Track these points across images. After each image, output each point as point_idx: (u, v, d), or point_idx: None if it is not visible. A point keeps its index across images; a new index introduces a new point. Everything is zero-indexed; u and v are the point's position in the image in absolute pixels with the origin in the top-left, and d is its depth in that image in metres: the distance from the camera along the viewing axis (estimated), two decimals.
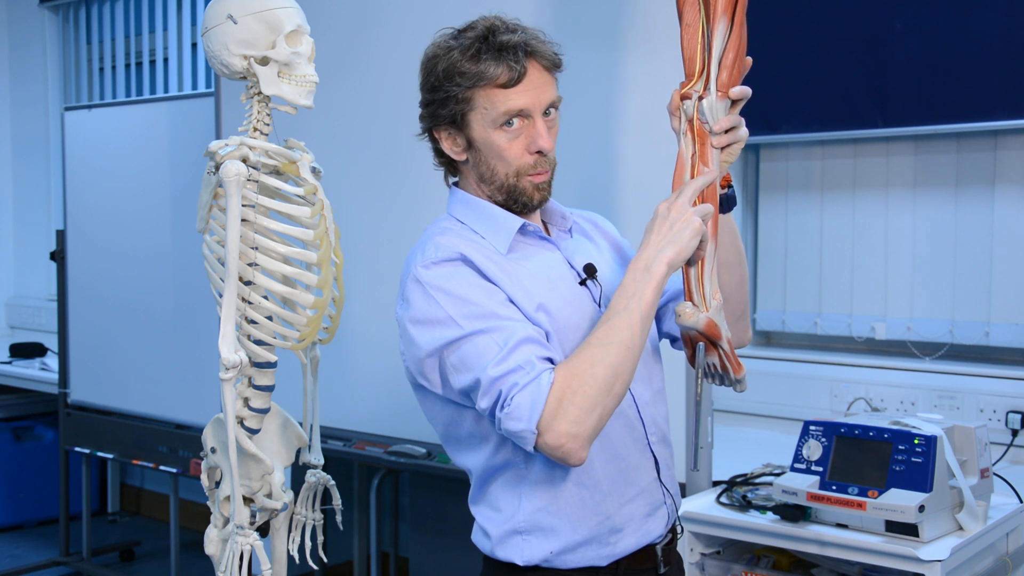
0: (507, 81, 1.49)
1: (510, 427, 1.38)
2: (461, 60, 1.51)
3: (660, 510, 1.61)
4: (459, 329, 1.44)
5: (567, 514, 1.53)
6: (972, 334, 2.91)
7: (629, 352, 1.40)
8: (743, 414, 3.12)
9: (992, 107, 2.73)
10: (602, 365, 1.39)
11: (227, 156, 1.79)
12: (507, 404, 1.38)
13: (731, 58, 1.51)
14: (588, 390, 1.37)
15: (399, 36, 2.88)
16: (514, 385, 1.38)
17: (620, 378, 1.40)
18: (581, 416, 1.37)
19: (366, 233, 2.91)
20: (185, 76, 4.91)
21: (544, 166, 1.56)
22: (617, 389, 1.40)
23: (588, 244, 1.68)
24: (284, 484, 2.01)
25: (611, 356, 1.39)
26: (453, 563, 3.25)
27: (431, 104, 1.56)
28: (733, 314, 1.61)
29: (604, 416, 1.39)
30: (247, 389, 1.91)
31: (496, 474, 1.56)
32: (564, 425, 1.36)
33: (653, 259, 1.43)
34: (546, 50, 1.54)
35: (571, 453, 1.37)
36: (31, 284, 5.69)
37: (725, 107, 1.52)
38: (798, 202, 3.19)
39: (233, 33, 1.80)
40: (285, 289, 1.85)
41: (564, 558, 1.54)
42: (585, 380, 1.38)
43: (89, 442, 4.20)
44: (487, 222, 1.58)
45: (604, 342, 1.40)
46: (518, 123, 1.52)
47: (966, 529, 2.01)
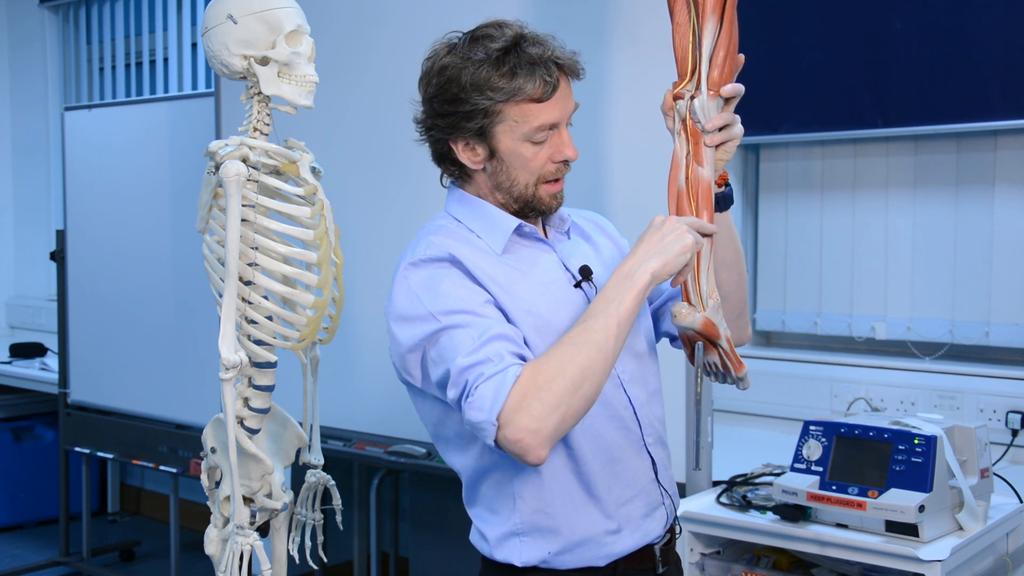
0: (541, 96, 1.50)
1: (471, 417, 1.37)
2: (494, 75, 1.49)
3: (658, 511, 1.61)
4: (437, 323, 1.44)
5: (564, 515, 1.53)
6: (972, 334, 2.91)
7: (601, 355, 1.38)
8: (743, 414, 3.12)
9: (992, 107, 2.73)
10: (572, 364, 1.36)
11: (227, 156, 1.79)
12: (471, 394, 1.37)
13: (721, 56, 1.51)
14: (554, 387, 1.35)
15: (399, 36, 2.89)
16: (480, 376, 1.37)
17: (590, 380, 1.37)
18: (544, 413, 1.34)
19: (366, 233, 2.91)
20: (185, 76, 4.91)
21: (563, 173, 1.58)
22: (586, 391, 1.37)
23: (586, 246, 1.68)
24: (284, 484, 2.01)
25: (582, 356, 1.37)
26: (453, 563, 3.25)
27: (451, 115, 1.53)
28: (732, 312, 1.62)
29: (568, 416, 1.36)
30: (247, 389, 1.91)
31: (486, 475, 1.56)
32: (525, 420, 1.33)
33: (637, 267, 1.42)
34: (573, 62, 1.55)
35: (529, 449, 1.34)
36: (31, 284, 5.69)
37: (717, 105, 1.52)
38: (798, 202, 3.19)
39: (233, 33, 1.80)
40: (285, 289, 1.85)
41: (562, 558, 1.54)
42: (552, 377, 1.35)
43: (89, 442, 4.20)
44: (484, 221, 1.58)
45: (577, 342, 1.39)
46: (545, 134, 1.53)
47: (966, 529, 2.01)
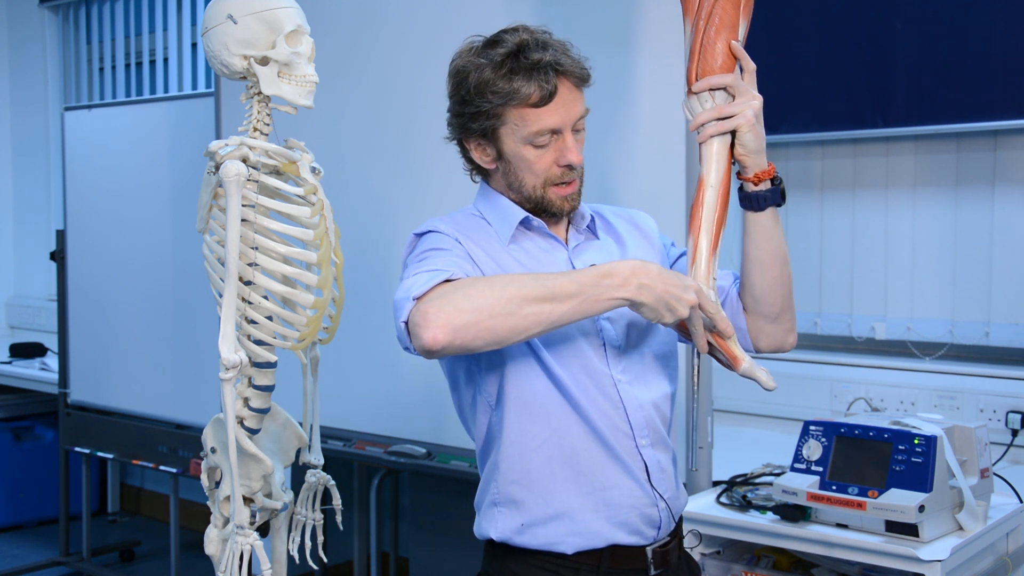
0: (538, 100, 1.52)
1: (396, 296, 1.43)
2: (493, 77, 1.52)
3: (650, 513, 1.59)
4: (417, 256, 1.52)
5: (540, 483, 1.56)
6: (972, 334, 2.91)
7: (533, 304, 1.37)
8: (743, 414, 3.12)
9: (992, 107, 2.73)
10: (505, 288, 1.38)
11: (227, 156, 1.79)
12: (405, 279, 1.46)
13: (696, 49, 1.51)
14: (481, 298, 1.37)
15: (399, 36, 2.89)
16: (421, 272, 1.44)
17: (515, 315, 1.37)
18: (461, 306, 1.36)
19: (366, 233, 2.91)
20: (185, 76, 4.91)
21: (571, 177, 1.58)
22: (505, 318, 1.37)
23: (615, 247, 1.68)
24: (284, 484, 2.01)
25: (515, 291, 1.38)
26: (453, 563, 3.25)
27: (461, 116, 1.58)
28: (767, 316, 1.61)
29: (481, 327, 1.36)
30: (247, 389, 1.91)
31: (482, 445, 1.62)
32: (440, 303, 1.36)
33: (622, 284, 1.41)
34: (576, 67, 1.55)
35: (431, 324, 1.35)
36: (31, 284, 5.69)
37: (702, 101, 1.52)
38: (798, 202, 3.19)
39: (233, 33, 1.80)
40: (285, 289, 1.85)
41: (535, 531, 1.56)
42: (483, 290, 1.38)
43: (89, 442, 4.20)
44: (496, 213, 1.62)
45: (520, 282, 1.40)
46: (548, 138, 1.55)
47: (966, 529, 2.01)
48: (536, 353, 1.55)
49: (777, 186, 1.55)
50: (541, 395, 1.55)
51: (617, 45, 2.45)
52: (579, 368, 1.56)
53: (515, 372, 1.55)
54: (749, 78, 1.53)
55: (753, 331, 1.64)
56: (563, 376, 1.55)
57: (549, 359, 1.55)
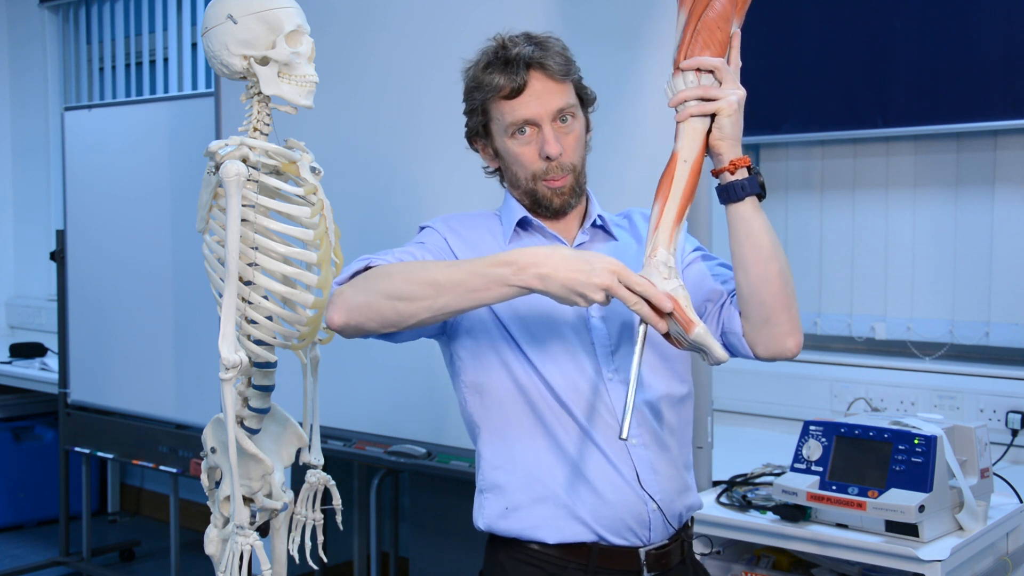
0: (509, 93, 1.57)
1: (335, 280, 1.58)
2: (478, 74, 1.60)
3: (639, 514, 1.58)
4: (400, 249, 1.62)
5: (521, 472, 1.59)
6: (972, 334, 2.91)
7: (429, 299, 1.44)
8: (743, 414, 3.13)
9: (992, 107, 2.73)
10: (404, 274, 1.48)
11: (227, 156, 1.79)
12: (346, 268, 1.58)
13: (687, 38, 1.50)
14: (375, 277, 1.49)
15: (399, 36, 2.88)
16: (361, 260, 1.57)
17: (404, 300, 1.46)
18: (362, 290, 1.49)
19: (366, 233, 2.91)
20: (185, 76, 4.91)
21: (557, 172, 1.59)
22: (394, 302, 1.46)
23: (635, 247, 1.67)
24: (284, 484, 2.01)
25: (413, 276, 1.47)
26: (453, 563, 3.25)
27: (466, 117, 1.67)
28: (758, 318, 1.52)
29: (369, 307, 1.48)
30: (247, 389, 1.91)
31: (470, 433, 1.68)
32: (347, 287, 1.52)
33: (518, 272, 1.39)
34: (550, 60, 1.57)
35: (329, 308, 1.54)
36: (31, 284, 5.69)
37: (686, 81, 1.50)
38: (798, 202, 3.19)
39: (233, 33, 1.80)
40: (285, 289, 1.85)
41: (518, 515, 1.59)
42: (384, 272, 1.50)
43: (89, 442, 4.20)
44: (506, 211, 1.69)
45: (422, 268, 1.48)
46: (529, 131, 1.58)
47: (966, 529, 2.01)
48: (519, 346, 1.58)
49: (754, 175, 1.49)
50: (525, 388, 1.58)
51: (619, 45, 2.45)
52: (567, 363, 1.58)
53: (495, 363, 1.59)
54: (734, 73, 1.51)
55: (749, 336, 1.55)
56: (546, 370, 1.57)
57: (532, 352, 1.58)
